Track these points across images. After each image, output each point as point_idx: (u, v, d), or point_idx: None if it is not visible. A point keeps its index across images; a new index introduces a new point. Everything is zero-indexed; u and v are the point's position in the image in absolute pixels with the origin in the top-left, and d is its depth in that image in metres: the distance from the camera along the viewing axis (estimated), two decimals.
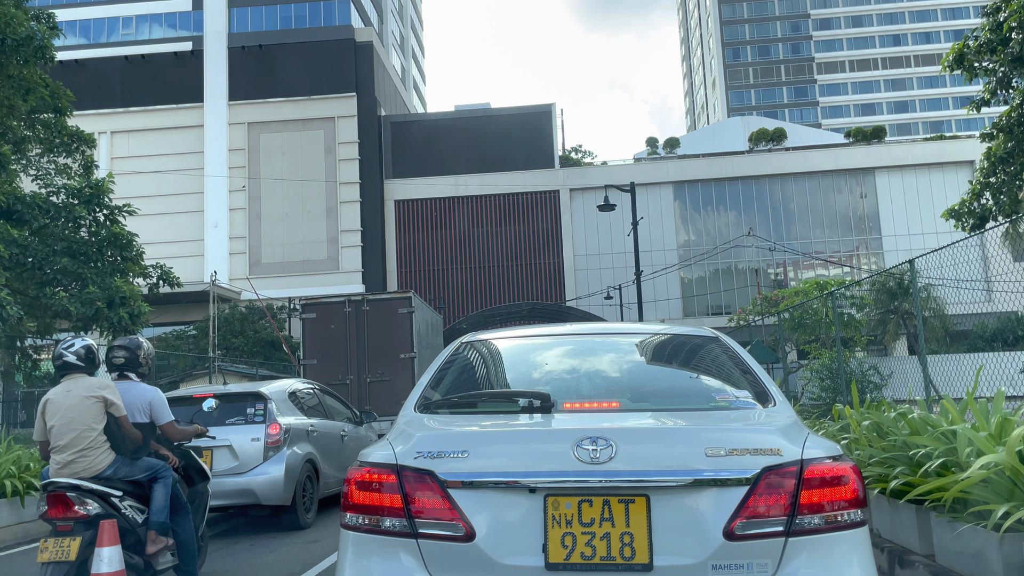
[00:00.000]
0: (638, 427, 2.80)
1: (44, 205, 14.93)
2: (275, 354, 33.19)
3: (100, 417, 4.92)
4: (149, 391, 5.38)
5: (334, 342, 15.64)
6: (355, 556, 2.64)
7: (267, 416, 8.06)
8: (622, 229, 43.11)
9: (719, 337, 3.69)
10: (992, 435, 4.60)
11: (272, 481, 7.71)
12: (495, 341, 3.90)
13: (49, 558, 4.53)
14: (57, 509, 4.70)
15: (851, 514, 2.53)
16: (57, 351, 5.07)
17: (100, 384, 4.98)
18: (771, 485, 2.49)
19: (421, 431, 2.84)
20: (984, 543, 4.25)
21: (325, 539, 7.59)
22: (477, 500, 2.55)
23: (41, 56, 15.42)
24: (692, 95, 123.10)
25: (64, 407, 4.87)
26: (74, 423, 4.84)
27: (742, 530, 2.46)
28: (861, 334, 23.10)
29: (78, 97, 20.37)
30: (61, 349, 5.06)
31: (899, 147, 50.83)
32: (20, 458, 8.90)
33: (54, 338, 15.21)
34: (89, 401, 4.88)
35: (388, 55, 58.72)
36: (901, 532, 5.44)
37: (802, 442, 2.61)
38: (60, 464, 4.84)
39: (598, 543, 2.48)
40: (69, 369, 5.00)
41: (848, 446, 6.31)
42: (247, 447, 7.81)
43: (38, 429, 5.00)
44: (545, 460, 2.55)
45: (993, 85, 16.03)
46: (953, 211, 17.25)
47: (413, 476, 2.60)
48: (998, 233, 16.80)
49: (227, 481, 7.58)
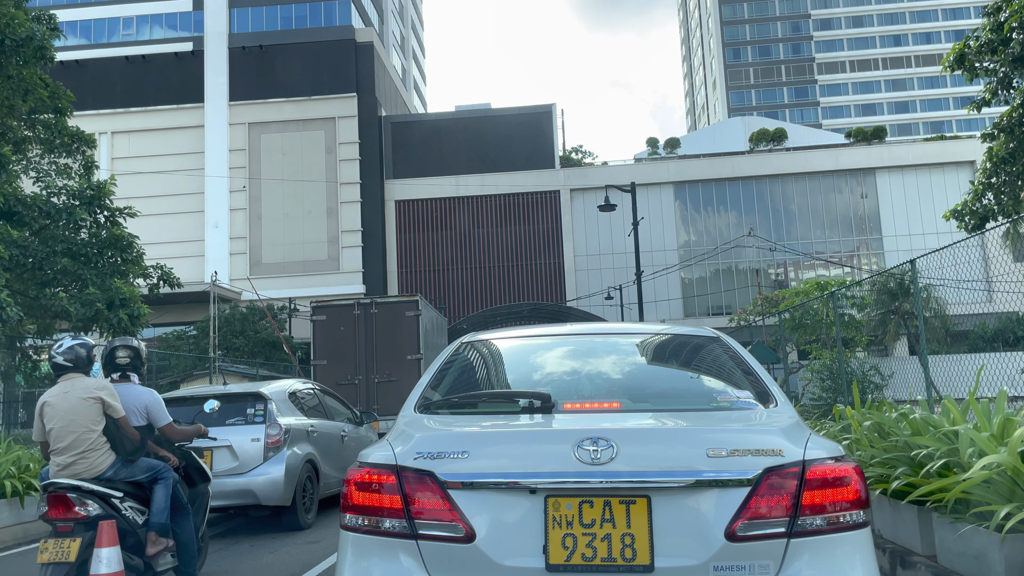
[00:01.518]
0: (639, 427, 2.78)
1: (44, 206, 14.91)
2: (276, 354, 33.18)
3: (99, 418, 4.89)
4: (145, 393, 5.35)
5: (343, 343, 16.20)
6: (355, 557, 2.63)
7: (267, 416, 8.07)
8: (622, 229, 43.10)
9: (720, 337, 3.67)
10: (994, 435, 4.59)
11: (272, 482, 7.72)
12: (495, 341, 3.88)
13: (49, 559, 4.53)
14: (57, 510, 4.70)
15: (853, 515, 2.52)
16: (51, 353, 5.04)
17: (98, 385, 4.95)
18: (773, 486, 2.48)
19: (421, 431, 2.83)
20: (986, 544, 4.24)
21: (325, 539, 7.58)
22: (477, 501, 2.53)
23: (41, 56, 15.40)
24: (693, 95, 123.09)
25: (62, 410, 4.84)
26: (73, 425, 4.82)
27: (744, 531, 2.45)
28: (862, 334, 23.09)
29: (79, 97, 20.38)
30: (53, 351, 5.03)
31: (900, 147, 50.81)
32: (20, 458, 8.90)
33: (54, 339, 15.20)
34: (87, 403, 4.86)
35: (388, 55, 58.72)
36: (903, 533, 5.43)
37: (804, 443, 2.60)
38: (60, 466, 4.83)
39: (599, 544, 2.46)
40: (63, 370, 4.96)
41: (849, 446, 6.30)
42: (247, 448, 7.81)
43: (37, 430, 4.99)
44: (546, 461, 2.54)
45: (994, 85, 16.03)
46: (955, 211, 17.24)
47: (413, 477, 2.58)
48: (998, 233, 16.80)
49: (227, 482, 7.60)
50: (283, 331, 34.85)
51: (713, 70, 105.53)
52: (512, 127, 50.06)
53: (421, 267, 48.11)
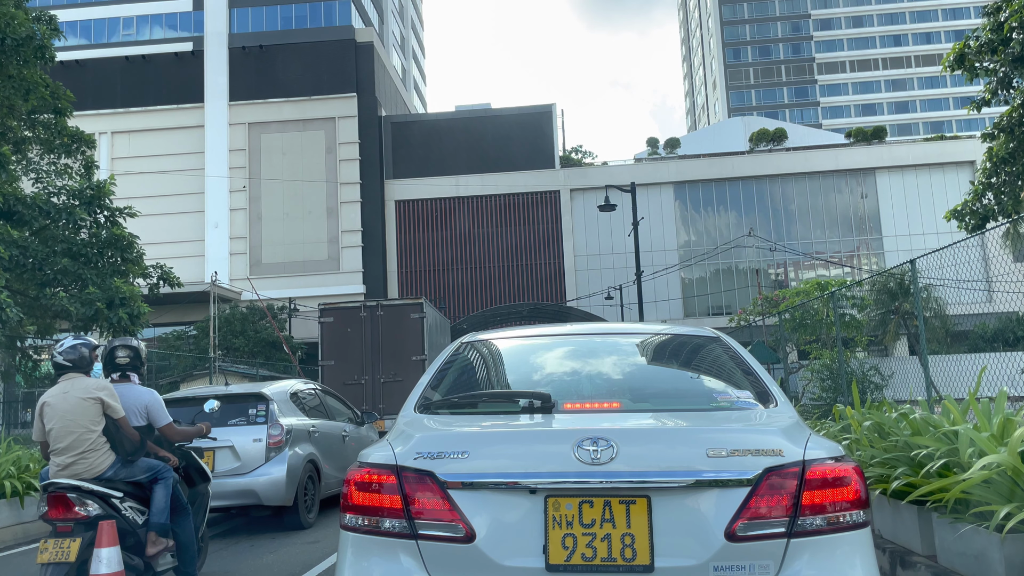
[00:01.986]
0: (639, 427, 2.78)
1: (44, 206, 14.91)
2: (276, 354, 33.18)
3: (98, 419, 4.90)
4: (146, 393, 5.36)
5: (350, 344, 16.61)
6: (355, 557, 2.63)
7: (269, 417, 8.12)
8: (623, 229, 43.10)
9: (720, 337, 3.67)
10: (994, 435, 4.59)
11: (274, 482, 7.78)
12: (495, 341, 3.88)
13: (49, 559, 4.53)
14: (57, 510, 4.70)
15: (853, 515, 2.52)
16: (52, 352, 5.08)
17: (98, 385, 4.96)
18: (773, 486, 2.48)
19: (421, 431, 2.83)
20: (986, 544, 4.24)
21: (325, 539, 7.58)
22: (477, 501, 2.53)
23: (41, 56, 15.39)
24: (693, 95, 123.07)
25: (61, 410, 4.85)
26: (73, 425, 4.82)
27: (744, 531, 2.45)
28: (862, 334, 23.09)
29: (79, 97, 20.36)
30: (54, 350, 5.06)
31: (900, 147, 50.81)
32: (20, 458, 8.89)
33: (54, 339, 15.19)
34: (87, 403, 4.86)
35: (388, 55, 58.72)
36: (903, 533, 5.43)
37: (804, 443, 2.60)
38: (60, 466, 4.83)
39: (599, 544, 2.47)
40: (63, 370, 4.98)
41: (849, 446, 6.29)
42: (249, 448, 7.86)
43: (37, 430, 5.00)
44: (546, 461, 2.54)
45: (994, 85, 16.02)
46: (955, 212, 17.23)
47: (413, 477, 2.59)
48: (998, 234, 16.80)
49: (229, 482, 7.64)
50: (283, 331, 34.84)
51: (713, 70, 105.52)
52: (512, 127, 50.05)
53: (421, 267, 48.11)
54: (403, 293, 47.19)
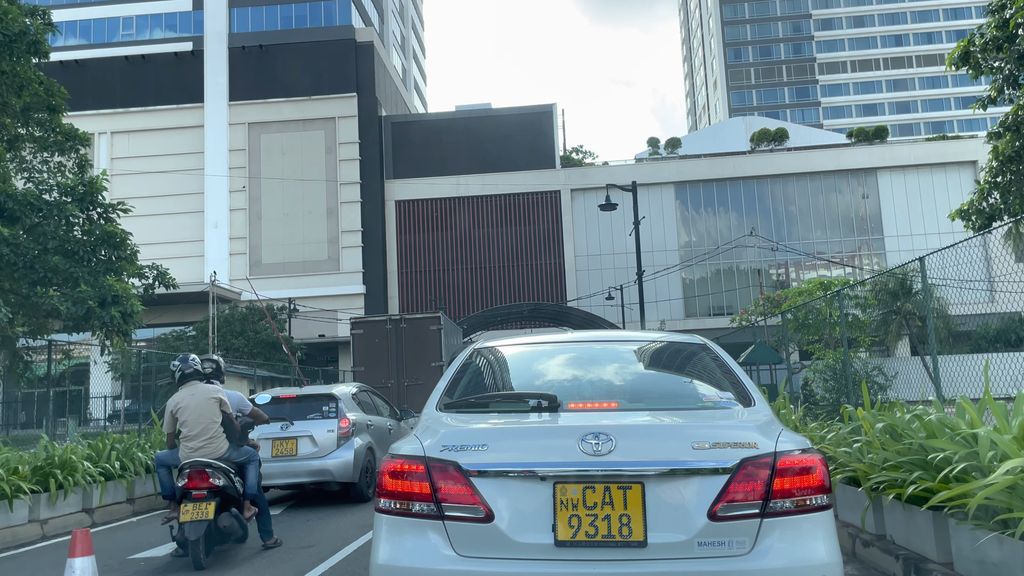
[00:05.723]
0: (634, 424, 3.12)
1: (36, 203, 14.73)
2: (275, 355, 33.03)
3: (218, 414, 6.69)
4: (233, 394, 7.48)
5: (378, 353, 19.03)
6: (389, 535, 3.02)
7: (338, 412, 10.05)
8: (623, 229, 42.95)
9: (707, 344, 4.10)
10: (1016, 438, 4.40)
11: (344, 463, 9.74)
12: (504, 349, 4.27)
13: (191, 517, 6.12)
14: (196, 481, 6.32)
15: (818, 499, 2.91)
16: (178, 365, 6.86)
17: (215, 389, 6.82)
18: (748, 474, 2.86)
19: (445, 428, 3.21)
20: (1009, 552, 4.05)
21: (319, 544, 7.39)
22: (495, 487, 2.92)
23: (35, 51, 15.20)
24: (694, 95, 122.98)
25: (193, 406, 6.64)
26: (202, 419, 6.61)
27: (724, 512, 2.83)
28: (865, 334, 22.92)
29: (79, 97, 20.23)
30: (181, 364, 6.84)
31: (901, 147, 50.68)
32: (8, 461, 8.62)
33: (47, 338, 14.96)
34: (211, 401, 6.69)
35: (389, 55, 58.59)
36: (916, 539, 5.24)
37: (776, 437, 2.99)
38: (192, 449, 6.54)
39: (600, 523, 2.85)
40: (189, 378, 6.81)
41: (861, 449, 6.09)
42: (324, 437, 9.79)
43: (167, 423, 6.79)
44: (554, 452, 2.92)
45: (999, 83, 15.84)
46: (962, 211, 17.05)
47: (439, 466, 2.97)
48: (999, 234, 16.62)
49: (310, 464, 9.63)
50: (282, 332, 34.69)
51: (714, 70, 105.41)
52: (512, 127, 49.92)
53: (421, 267, 47.97)
54: (403, 293, 47.09)
